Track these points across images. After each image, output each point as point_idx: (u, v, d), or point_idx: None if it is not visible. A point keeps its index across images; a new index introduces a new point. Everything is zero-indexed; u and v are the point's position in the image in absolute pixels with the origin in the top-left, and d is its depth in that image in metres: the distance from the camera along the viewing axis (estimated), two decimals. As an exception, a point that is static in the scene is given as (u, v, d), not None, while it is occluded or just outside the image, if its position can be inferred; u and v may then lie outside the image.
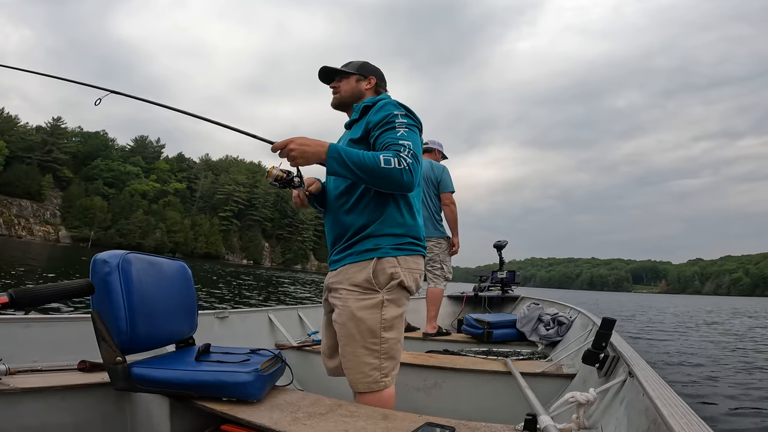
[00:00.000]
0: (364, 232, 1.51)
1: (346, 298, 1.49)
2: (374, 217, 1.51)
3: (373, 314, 1.47)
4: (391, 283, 1.49)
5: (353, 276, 1.50)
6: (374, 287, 1.48)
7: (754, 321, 15.14)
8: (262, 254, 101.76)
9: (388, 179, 1.36)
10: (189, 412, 1.36)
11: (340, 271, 1.56)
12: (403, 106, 1.53)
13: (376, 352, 1.47)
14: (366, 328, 1.46)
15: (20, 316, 1.67)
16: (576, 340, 2.33)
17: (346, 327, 1.48)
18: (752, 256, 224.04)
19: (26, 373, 1.46)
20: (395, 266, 1.50)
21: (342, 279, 1.53)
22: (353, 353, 1.47)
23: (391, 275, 1.49)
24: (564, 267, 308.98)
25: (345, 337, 1.49)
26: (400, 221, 1.54)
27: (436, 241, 3.53)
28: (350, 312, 1.47)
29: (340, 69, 1.65)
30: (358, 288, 1.48)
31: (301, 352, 2.46)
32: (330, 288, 1.61)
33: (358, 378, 1.46)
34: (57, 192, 77.16)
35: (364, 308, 1.47)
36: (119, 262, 1.35)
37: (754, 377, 4.55)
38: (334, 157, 1.35)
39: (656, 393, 0.85)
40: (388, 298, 1.49)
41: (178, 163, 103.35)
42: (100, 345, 1.31)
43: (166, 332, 1.54)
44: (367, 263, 1.50)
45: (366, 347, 1.46)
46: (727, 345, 7.56)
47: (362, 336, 1.46)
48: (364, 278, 1.48)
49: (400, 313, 1.53)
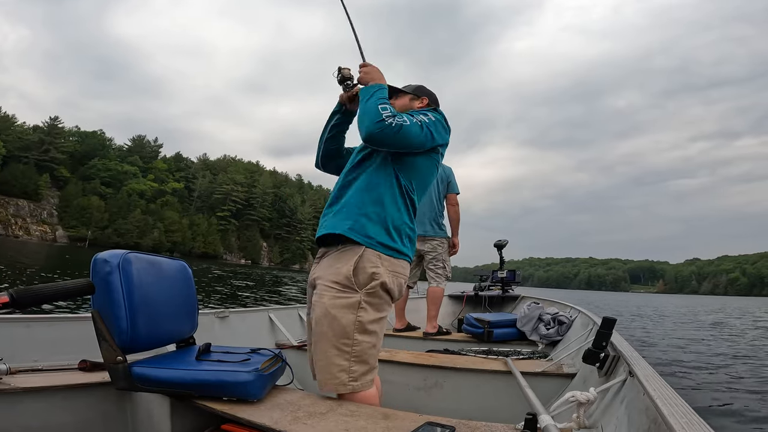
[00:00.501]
0: (360, 211, 1.48)
1: (322, 293, 1.45)
2: (376, 201, 1.49)
3: (347, 314, 1.41)
4: (372, 284, 1.44)
5: (334, 270, 1.46)
6: (353, 285, 1.43)
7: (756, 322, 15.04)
8: (260, 254, 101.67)
9: (370, 119, 1.42)
10: (189, 412, 1.35)
11: (322, 265, 1.54)
12: (442, 114, 1.62)
13: (346, 353, 1.41)
14: (339, 326, 1.41)
15: (21, 316, 1.67)
16: (576, 340, 2.33)
17: (319, 324, 1.43)
18: (749, 256, 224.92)
19: (27, 373, 1.45)
20: (377, 266, 1.45)
21: (322, 274, 1.50)
22: (323, 352, 1.41)
23: (371, 275, 1.44)
24: (562, 267, 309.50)
25: (317, 334, 1.44)
26: (399, 222, 1.51)
27: (439, 240, 3.56)
28: (324, 308, 1.43)
29: (398, 88, 1.73)
30: (337, 285, 1.44)
31: (301, 351, 2.45)
32: (313, 285, 1.56)
33: (326, 378, 1.41)
34: (54, 191, 76.92)
35: (338, 306, 1.42)
36: (120, 262, 1.34)
37: (759, 378, 4.54)
38: (371, 87, 1.51)
39: (657, 392, 0.85)
40: (366, 300, 1.43)
41: (175, 163, 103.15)
42: (100, 344, 1.30)
43: (166, 332, 1.53)
44: (350, 254, 1.46)
45: (336, 347, 1.40)
46: (732, 344, 7.55)
47: (334, 334, 1.41)
48: (344, 275, 1.44)
49: (379, 317, 1.47)
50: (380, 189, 1.50)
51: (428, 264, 3.56)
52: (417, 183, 1.58)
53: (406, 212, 1.54)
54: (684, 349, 6.92)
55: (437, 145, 1.56)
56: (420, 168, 1.57)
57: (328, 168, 1.81)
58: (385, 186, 1.51)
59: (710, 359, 5.78)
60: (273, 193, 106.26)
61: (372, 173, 1.53)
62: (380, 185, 1.50)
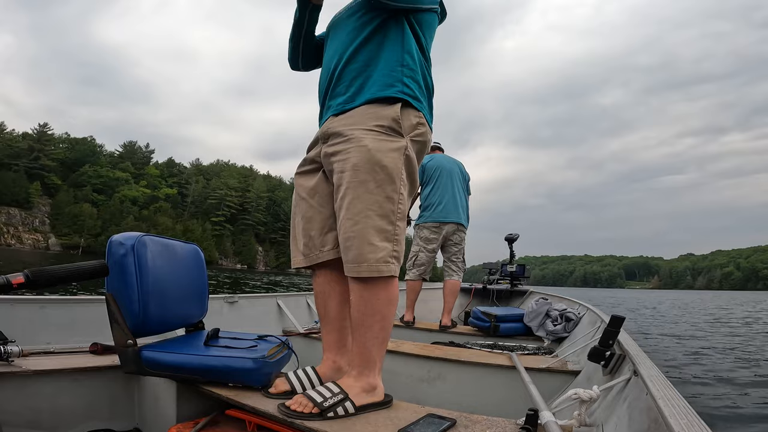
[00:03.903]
0: (384, 66, 1.26)
1: (361, 137, 1.19)
2: (400, 60, 1.26)
3: (396, 158, 1.19)
4: (416, 132, 1.25)
5: (373, 113, 1.22)
6: (400, 130, 1.22)
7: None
8: (256, 258, 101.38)
9: None
10: (195, 396, 1.36)
11: (348, 115, 1.26)
12: None
13: (390, 214, 1.18)
14: (386, 175, 1.17)
15: (35, 297, 1.69)
16: (583, 337, 2.31)
17: (357, 173, 1.17)
18: (742, 250, 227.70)
19: (39, 355, 1.47)
20: (421, 119, 1.26)
21: (352, 122, 1.24)
22: (362, 213, 1.16)
23: (416, 125, 1.25)
24: (557, 265, 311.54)
25: (354, 188, 1.17)
26: (430, 83, 1.34)
27: (465, 231, 3.55)
28: (367, 151, 1.17)
29: None
30: (381, 127, 1.21)
31: (308, 339, 2.47)
32: (327, 135, 1.29)
33: (366, 251, 1.16)
34: (45, 199, 76.42)
35: (386, 150, 1.18)
36: (134, 244, 1.33)
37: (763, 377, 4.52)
38: None
39: (659, 393, 0.84)
40: (409, 151, 1.22)
41: (168, 169, 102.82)
42: (112, 327, 1.30)
43: (176, 316, 1.53)
44: (392, 102, 1.23)
45: (380, 206, 1.17)
46: (740, 343, 7.54)
47: (379, 186, 1.17)
48: (391, 117, 1.21)
49: (415, 174, 1.26)
50: (398, 49, 1.28)
51: (451, 256, 3.52)
52: (430, 43, 1.39)
53: (429, 74, 1.36)
54: (690, 346, 6.91)
55: (432, 6, 1.36)
56: (432, 25, 1.38)
57: (311, 65, 1.58)
58: (408, 45, 1.29)
59: (720, 359, 5.74)
60: (267, 197, 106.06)
61: (385, 33, 1.29)
62: (396, 45, 1.28)
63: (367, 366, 1.22)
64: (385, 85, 1.25)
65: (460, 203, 3.47)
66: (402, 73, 1.26)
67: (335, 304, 1.40)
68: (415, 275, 3.47)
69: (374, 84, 1.26)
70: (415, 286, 3.47)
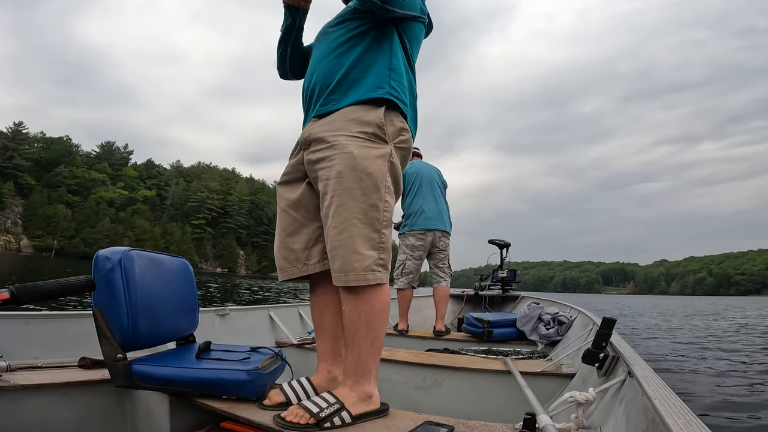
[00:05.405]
0: (370, 70, 1.27)
1: (346, 144, 1.19)
2: (386, 65, 1.28)
3: (381, 165, 1.19)
4: (400, 138, 1.25)
5: (356, 117, 1.22)
6: (384, 136, 1.22)
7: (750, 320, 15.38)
8: (237, 262, 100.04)
9: None
10: (189, 410, 1.35)
11: (331, 119, 1.26)
12: None
13: (375, 222, 1.18)
14: (371, 182, 1.17)
15: (21, 313, 1.65)
16: (576, 340, 2.33)
17: (342, 180, 1.16)
18: (715, 257, 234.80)
19: (27, 370, 1.45)
20: (404, 124, 1.27)
21: (335, 127, 1.23)
22: (348, 221, 1.16)
23: (399, 130, 1.25)
24: (538, 270, 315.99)
25: (339, 196, 1.17)
26: (414, 90, 1.34)
27: (449, 237, 3.59)
28: (352, 159, 1.17)
29: None
30: (364, 134, 1.20)
31: (301, 350, 2.45)
32: (309, 141, 1.28)
33: (352, 260, 1.15)
34: (18, 200, 73.87)
35: (371, 157, 1.18)
36: (121, 258, 1.33)
37: (760, 377, 4.63)
38: None
39: (655, 393, 0.84)
40: (393, 158, 1.22)
41: (147, 170, 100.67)
42: (101, 342, 1.28)
43: (167, 329, 1.51)
44: (376, 105, 1.24)
45: (365, 214, 1.17)
46: (730, 345, 7.72)
47: (364, 194, 1.17)
48: (375, 122, 1.21)
49: (399, 181, 1.27)
50: (386, 55, 1.30)
51: (438, 263, 3.55)
52: (416, 54, 1.39)
53: (414, 83, 1.37)
54: (682, 348, 7.04)
55: (418, 15, 1.37)
56: (419, 37, 1.40)
57: (300, 74, 1.56)
58: (395, 51, 1.31)
59: (711, 360, 5.86)
60: (250, 201, 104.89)
61: (373, 40, 1.31)
62: (384, 51, 1.30)
63: (362, 375, 1.20)
64: (374, 86, 1.26)
65: (442, 210, 3.53)
66: (390, 76, 1.28)
67: (331, 314, 1.39)
68: (404, 284, 3.50)
69: (362, 87, 1.27)
70: (406, 295, 3.50)
